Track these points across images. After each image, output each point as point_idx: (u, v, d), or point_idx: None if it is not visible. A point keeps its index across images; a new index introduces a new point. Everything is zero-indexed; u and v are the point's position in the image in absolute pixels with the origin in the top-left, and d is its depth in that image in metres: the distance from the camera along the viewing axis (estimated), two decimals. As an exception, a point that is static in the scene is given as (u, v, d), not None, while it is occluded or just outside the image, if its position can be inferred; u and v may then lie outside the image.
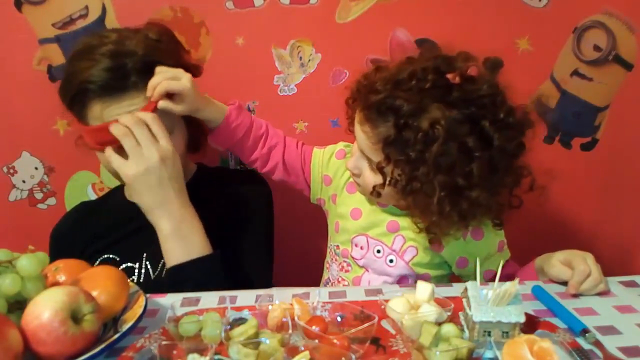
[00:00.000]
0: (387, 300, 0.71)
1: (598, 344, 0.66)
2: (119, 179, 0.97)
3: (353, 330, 0.64)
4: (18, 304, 0.66)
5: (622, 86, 1.20)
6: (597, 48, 1.17)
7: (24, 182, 1.24)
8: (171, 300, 0.78)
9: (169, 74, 0.90)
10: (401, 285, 0.92)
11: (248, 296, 0.80)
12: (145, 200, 0.88)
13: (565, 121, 1.22)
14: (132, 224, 1.01)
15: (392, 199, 0.89)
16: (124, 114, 0.89)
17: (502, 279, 0.69)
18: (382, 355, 0.65)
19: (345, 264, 0.98)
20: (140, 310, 0.69)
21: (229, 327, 0.65)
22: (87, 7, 1.14)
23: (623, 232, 1.29)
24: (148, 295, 0.75)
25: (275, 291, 0.77)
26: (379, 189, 0.85)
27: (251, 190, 1.07)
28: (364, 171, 0.87)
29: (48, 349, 0.61)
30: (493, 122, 0.77)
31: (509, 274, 0.93)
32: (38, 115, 1.19)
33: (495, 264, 0.91)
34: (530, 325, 0.68)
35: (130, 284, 0.75)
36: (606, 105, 1.21)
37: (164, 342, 0.64)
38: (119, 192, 1.11)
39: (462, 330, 0.67)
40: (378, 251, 0.94)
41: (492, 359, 0.62)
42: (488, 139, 0.77)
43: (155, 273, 0.98)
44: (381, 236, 0.94)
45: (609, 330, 0.70)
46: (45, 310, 0.61)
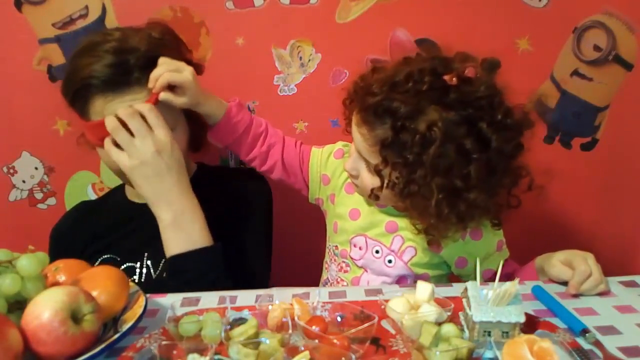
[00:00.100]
0: (387, 300, 0.71)
1: (598, 344, 0.66)
2: (120, 176, 0.97)
3: (353, 330, 0.64)
4: (18, 304, 0.66)
5: (622, 86, 1.20)
6: (597, 48, 1.17)
7: (24, 182, 1.24)
8: (171, 300, 0.78)
9: (172, 66, 0.90)
10: (401, 286, 0.91)
11: (248, 296, 0.80)
12: (144, 191, 0.88)
13: (565, 121, 1.22)
14: (133, 223, 1.01)
15: (390, 201, 0.89)
16: (122, 108, 0.89)
17: (502, 278, 0.69)
18: (382, 355, 0.65)
19: (344, 265, 0.98)
20: (140, 310, 0.69)
21: (229, 327, 0.65)
22: (87, 7, 1.14)
23: (623, 232, 1.29)
24: (148, 295, 0.75)
25: (275, 291, 0.77)
26: (377, 192, 0.84)
27: (251, 186, 1.07)
28: (361, 172, 0.87)
29: (48, 349, 0.61)
30: (490, 124, 0.77)
31: (508, 273, 0.94)
32: (38, 115, 1.19)
33: (494, 263, 0.91)
34: (530, 325, 0.68)
35: (131, 284, 0.75)
36: (606, 105, 1.21)
37: (164, 342, 0.64)
38: (119, 192, 1.11)
39: (462, 330, 0.67)
40: (377, 252, 0.94)
41: (492, 359, 0.62)
42: (486, 140, 0.77)
43: (157, 272, 0.98)
44: (380, 236, 0.94)
45: (609, 330, 0.70)
46: (45, 310, 0.61)
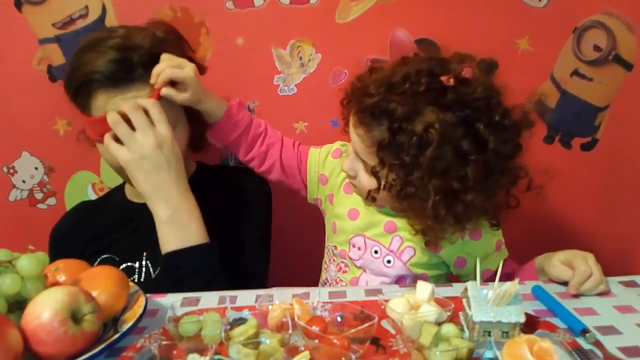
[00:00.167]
0: (387, 300, 0.71)
1: (598, 344, 0.66)
2: (119, 173, 0.97)
3: (353, 330, 0.64)
4: (18, 304, 0.66)
5: (622, 86, 1.20)
6: (597, 48, 1.17)
7: (24, 182, 1.24)
8: (171, 300, 0.78)
9: (174, 62, 0.91)
10: (401, 286, 0.91)
11: (248, 296, 0.80)
12: (142, 185, 0.88)
13: (565, 121, 1.22)
14: (132, 223, 1.01)
15: (387, 203, 0.89)
16: (125, 104, 0.89)
17: (501, 278, 0.69)
18: (382, 355, 0.65)
19: (342, 265, 0.98)
20: (140, 310, 0.69)
21: (229, 327, 0.65)
22: (87, 7, 1.14)
23: (623, 232, 1.29)
24: (148, 295, 0.75)
25: (275, 291, 0.77)
26: (374, 194, 0.84)
27: (250, 185, 1.07)
28: (359, 173, 0.87)
29: (48, 349, 0.61)
30: (488, 125, 0.77)
31: (507, 273, 0.93)
32: (38, 115, 1.19)
33: (493, 263, 0.91)
34: (530, 325, 0.68)
35: (131, 284, 0.75)
36: (606, 105, 1.21)
37: (164, 342, 0.64)
38: (119, 192, 1.11)
39: (462, 330, 0.67)
40: (375, 252, 0.93)
41: (492, 359, 0.62)
42: (483, 141, 0.76)
43: (156, 272, 0.97)
44: (378, 237, 0.93)
45: (609, 330, 0.70)
46: (45, 310, 0.61)
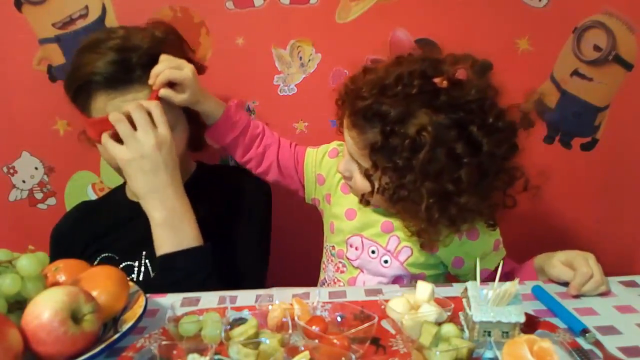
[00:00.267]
0: (387, 300, 0.71)
1: (598, 344, 0.66)
2: (119, 172, 0.97)
3: (353, 330, 0.64)
4: (18, 304, 0.65)
5: (622, 86, 1.19)
6: (597, 48, 1.17)
7: (24, 182, 1.24)
8: (171, 300, 0.78)
9: (172, 63, 0.91)
10: (401, 286, 0.91)
11: (248, 296, 0.80)
12: (138, 185, 0.88)
13: (565, 121, 1.22)
14: (132, 222, 1.01)
15: (381, 205, 0.89)
16: (124, 105, 0.89)
17: (500, 277, 0.69)
18: (382, 355, 0.65)
19: (340, 265, 0.97)
20: (140, 310, 0.69)
21: (229, 327, 0.65)
22: (87, 7, 1.14)
23: (623, 232, 1.29)
24: (148, 295, 0.75)
25: (275, 291, 0.77)
26: (368, 197, 0.84)
27: (250, 184, 1.07)
28: (354, 174, 0.87)
29: (48, 349, 0.61)
30: (481, 127, 0.76)
31: (506, 272, 0.93)
32: (38, 115, 1.19)
33: (491, 262, 0.91)
34: (530, 325, 0.68)
35: (130, 283, 0.75)
36: (606, 105, 1.21)
37: (164, 342, 0.64)
38: (119, 192, 1.11)
39: (462, 330, 0.67)
40: (373, 252, 0.93)
41: (492, 359, 0.62)
42: (477, 144, 0.76)
43: (155, 271, 0.97)
44: (376, 237, 0.93)
45: (609, 330, 0.70)
46: (45, 310, 0.61)
